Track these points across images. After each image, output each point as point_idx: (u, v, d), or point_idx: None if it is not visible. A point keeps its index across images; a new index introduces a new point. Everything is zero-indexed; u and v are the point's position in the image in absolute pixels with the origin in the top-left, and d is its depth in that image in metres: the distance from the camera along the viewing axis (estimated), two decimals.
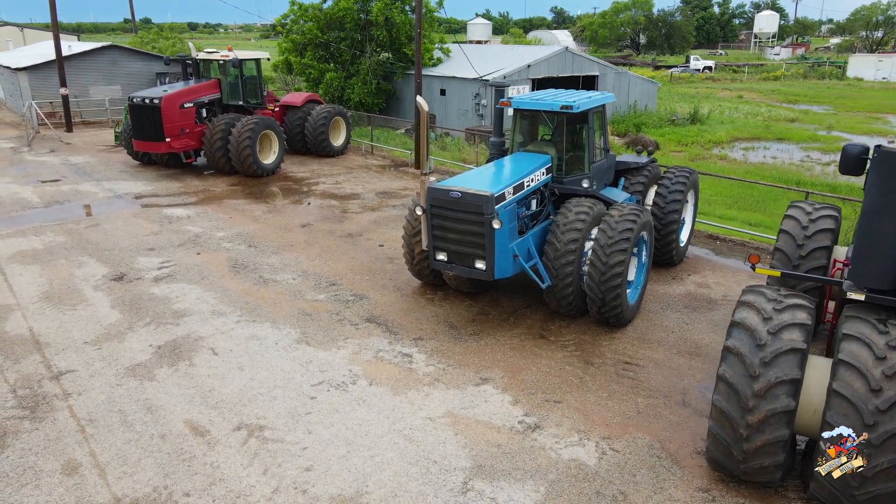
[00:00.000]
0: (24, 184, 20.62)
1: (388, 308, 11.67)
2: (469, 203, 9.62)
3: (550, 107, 11.15)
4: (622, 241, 10.13)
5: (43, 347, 10.04)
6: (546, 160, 11.28)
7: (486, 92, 30.33)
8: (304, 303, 11.87)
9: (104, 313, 11.31)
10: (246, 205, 18.54)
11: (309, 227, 16.50)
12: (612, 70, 35.37)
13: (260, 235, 15.74)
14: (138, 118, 21.08)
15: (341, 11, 33.40)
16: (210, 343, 10.24)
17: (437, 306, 11.75)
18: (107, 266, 13.58)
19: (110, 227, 16.20)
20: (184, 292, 12.25)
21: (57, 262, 13.81)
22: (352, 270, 13.51)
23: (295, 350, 10.06)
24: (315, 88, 34.35)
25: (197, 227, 16.35)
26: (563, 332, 10.77)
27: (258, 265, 13.72)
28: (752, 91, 56.13)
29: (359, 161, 25.09)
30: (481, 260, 9.87)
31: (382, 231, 16.18)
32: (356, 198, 19.42)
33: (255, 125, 21.34)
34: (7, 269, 13.32)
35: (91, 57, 33.86)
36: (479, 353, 10.05)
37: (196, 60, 23.36)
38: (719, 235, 15.60)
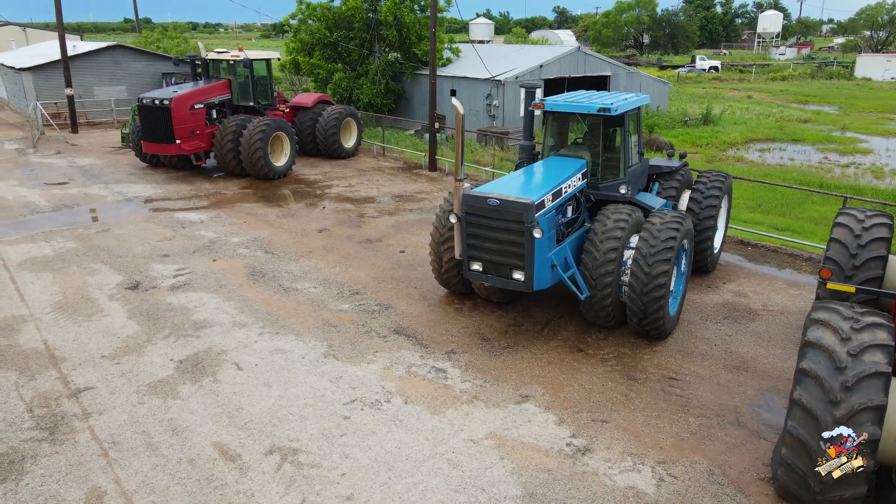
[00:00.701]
0: (31, 187, 20.15)
1: (415, 319, 11.21)
2: (508, 211, 9.16)
3: (587, 109, 10.68)
4: (665, 250, 9.67)
5: (59, 362, 9.58)
6: (581, 165, 10.82)
7: (498, 92, 29.89)
8: (327, 313, 11.41)
9: (121, 325, 10.85)
10: (259, 209, 18.08)
11: (326, 232, 16.04)
12: (624, 70, 34.91)
13: (276, 241, 15.28)
14: (148, 119, 20.61)
15: (350, 11, 32.93)
16: (233, 357, 9.78)
17: (467, 317, 11.28)
18: (121, 274, 13.11)
19: (122, 233, 15.74)
20: (202, 302, 11.79)
21: (69, 269, 13.35)
22: (374, 278, 13.04)
23: (323, 365, 9.60)
24: (323, 89, 33.87)
25: (211, 232, 15.89)
26: (602, 344, 10.31)
27: (277, 273, 13.26)
28: (760, 91, 55.65)
29: (371, 163, 24.63)
30: (519, 270, 9.41)
31: (402, 236, 15.72)
32: (372, 201, 18.95)
33: (266, 127, 20.88)
34: (18, 276, 12.86)
35: (96, 57, 33.39)
36: (515, 367, 9.59)
37: (206, 60, 22.90)
38: (750, 241, 15.14)
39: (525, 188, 9.66)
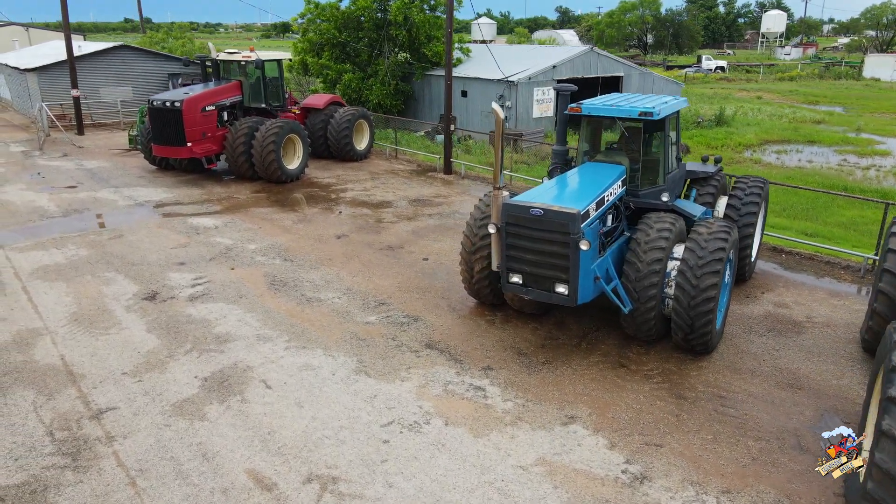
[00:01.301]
0: (39, 190, 19.70)
1: (447, 332, 10.75)
2: (553, 221, 8.71)
3: (628, 113, 10.23)
4: (714, 261, 9.22)
5: (78, 379, 9.12)
6: (621, 172, 10.36)
7: (511, 93, 29.42)
8: (354, 325, 10.95)
9: (140, 338, 10.39)
10: (274, 213, 17.62)
11: (345, 238, 15.58)
12: (637, 71, 34.45)
13: (294, 248, 14.82)
14: (158, 122, 20.15)
15: (359, 10, 32.47)
16: (261, 374, 9.32)
17: (500, 329, 10.83)
18: (137, 283, 12.66)
19: (135, 239, 15.28)
20: (223, 313, 11.33)
21: (82, 278, 12.89)
22: (399, 288, 12.59)
23: (355, 382, 9.14)
24: (332, 90, 33.42)
25: (226, 238, 15.43)
26: (644, 359, 9.86)
27: (298, 282, 12.80)
28: (769, 91, 55.17)
29: (384, 165, 24.17)
30: (563, 284, 8.96)
31: (423, 243, 15.26)
32: (389, 206, 18.49)
33: (279, 129, 20.41)
34: (31, 286, 12.41)
35: (101, 57, 32.91)
36: (557, 385, 9.14)
37: (216, 61, 22.43)
38: (784, 248, 14.68)
39: (568, 197, 9.20)
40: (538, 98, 30.16)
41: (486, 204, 11.16)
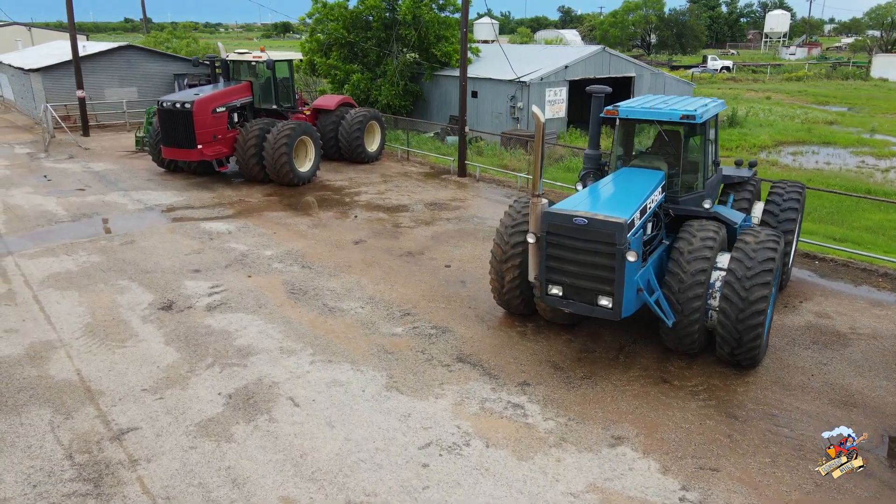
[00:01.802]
0: (46, 194, 19.26)
1: (477, 344, 10.32)
2: (598, 231, 8.27)
3: (668, 116, 9.79)
4: (764, 272, 8.78)
5: (96, 397, 8.69)
6: (661, 177, 9.92)
7: (523, 94, 28.97)
8: (380, 338, 10.51)
9: (158, 351, 9.95)
10: (288, 218, 17.18)
11: (362, 244, 15.14)
12: (648, 71, 33.99)
13: (311, 254, 14.38)
14: (168, 123, 19.71)
15: (367, 10, 32.02)
16: (287, 391, 8.88)
17: (532, 342, 10.39)
18: (151, 292, 12.22)
19: (147, 245, 14.84)
20: (243, 324, 10.90)
21: (95, 286, 12.45)
22: (424, 297, 12.15)
23: (386, 400, 8.71)
24: (339, 90, 32.97)
25: (241, 244, 14.99)
26: (686, 374, 9.42)
27: (318, 290, 12.37)
28: (777, 92, 54.72)
29: (396, 168, 23.73)
30: (607, 296, 8.52)
31: (444, 249, 14.82)
32: (405, 210, 18.05)
33: (291, 130, 19.97)
34: (42, 295, 11.97)
35: (106, 57, 32.46)
36: (598, 402, 8.70)
37: (226, 62, 22.00)
38: (817, 254, 14.23)
39: (612, 205, 8.75)
40: (550, 99, 29.72)
41: (517, 210, 10.73)
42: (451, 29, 33.25)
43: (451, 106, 32.97)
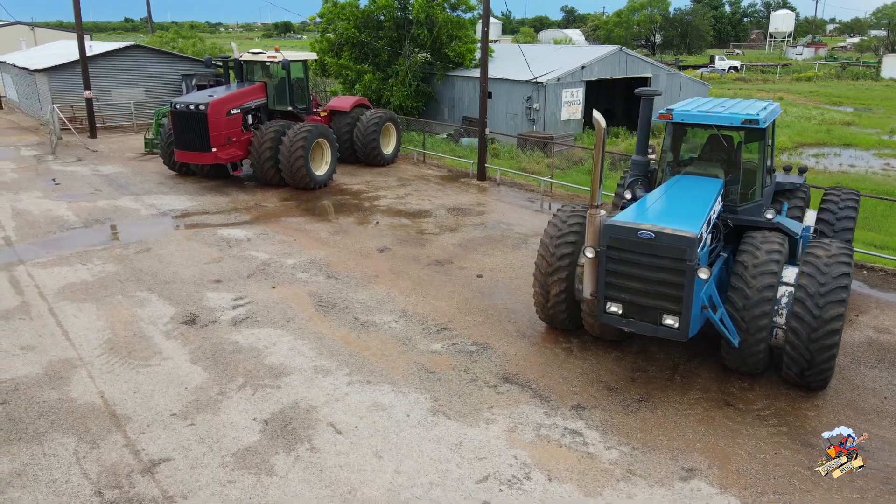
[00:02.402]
0: (56, 199, 18.66)
1: (522, 363, 9.72)
2: (666, 246, 7.68)
3: (729, 121, 9.21)
4: (839, 289, 8.19)
5: (123, 423, 8.09)
6: (720, 186, 9.34)
7: (539, 94, 28.37)
8: (419, 355, 9.92)
9: (185, 371, 9.36)
10: (307, 224, 16.58)
11: (388, 252, 14.55)
12: (664, 71, 33.39)
13: (336, 263, 13.79)
14: (181, 126, 19.11)
15: (379, 9, 31.41)
16: (327, 415, 8.29)
17: (580, 359, 9.80)
18: (173, 304, 11.63)
19: (164, 253, 14.25)
20: (272, 340, 10.30)
21: (113, 298, 11.86)
22: (458, 310, 11.56)
23: (434, 426, 8.12)
24: (350, 91, 32.38)
25: (261, 252, 14.40)
26: (749, 396, 8.83)
27: (347, 303, 11.77)
28: (789, 92, 54.10)
29: (413, 171, 23.13)
30: (673, 315, 7.92)
31: (473, 257, 14.23)
32: (427, 215, 17.46)
33: (308, 133, 19.38)
34: (58, 308, 11.38)
35: (113, 57, 31.85)
36: (661, 427, 8.11)
37: (239, 62, 21.40)
38: (864, 263, 13.64)
39: (678, 217, 8.14)
40: (567, 100, 29.12)
41: (562, 220, 10.13)
42: (464, 29, 32.67)
43: (464, 107, 32.39)
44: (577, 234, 9.94)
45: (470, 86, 31.91)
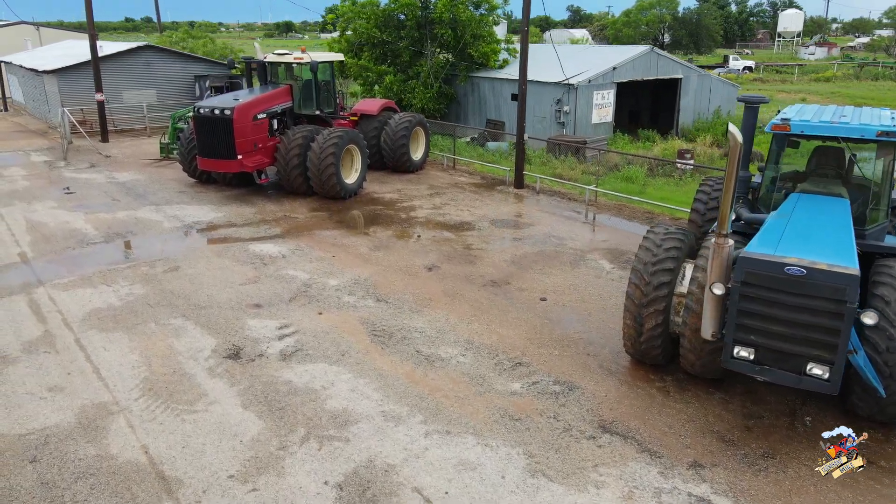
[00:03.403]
0: (72, 209, 17.51)
1: (617, 406, 8.58)
2: (822, 285, 6.52)
3: (860, 133, 8.07)
4: None
5: (174, 488, 6.94)
6: (847, 206, 8.19)
7: (569, 97, 27.23)
8: (498, 397, 8.78)
9: (237, 418, 8.22)
10: (343, 237, 15.43)
11: (437, 270, 13.41)
12: (695, 72, 32.24)
13: (383, 284, 12.64)
14: (205, 132, 17.95)
15: (401, 8, 30.27)
16: (409, 478, 7.14)
17: (681, 402, 8.65)
18: (212, 333, 10.48)
19: (195, 272, 13.11)
20: (329, 379, 9.16)
21: (145, 326, 10.71)
22: (529, 340, 10.41)
23: (536, 491, 6.97)
24: (370, 93, 31.28)
25: (300, 270, 13.26)
26: (888, 451, 7.69)
27: (405, 332, 10.63)
28: (810, 93, 52.93)
29: (444, 178, 21.98)
30: (822, 364, 6.77)
31: (530, 277, 13.08)
32: (470, 228, 16.31)
33: (339, 139, 18.23)
34: (86, 339, 10.23)
35: (124, 58, 30.67)
36: (802, 494, 6.96)
37: (263, 63, 20.24)
38: None
39: (827, 249, 6.97)
40: (597, 102, 27.97)
41: (656, 244, 8.98)
42: (488, 28, 31.53)
43: (488, 109, 31.27)
44: (675, 259, 8.82)
45: (494, 87, 30.79)
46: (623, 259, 14.09)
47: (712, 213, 11.50)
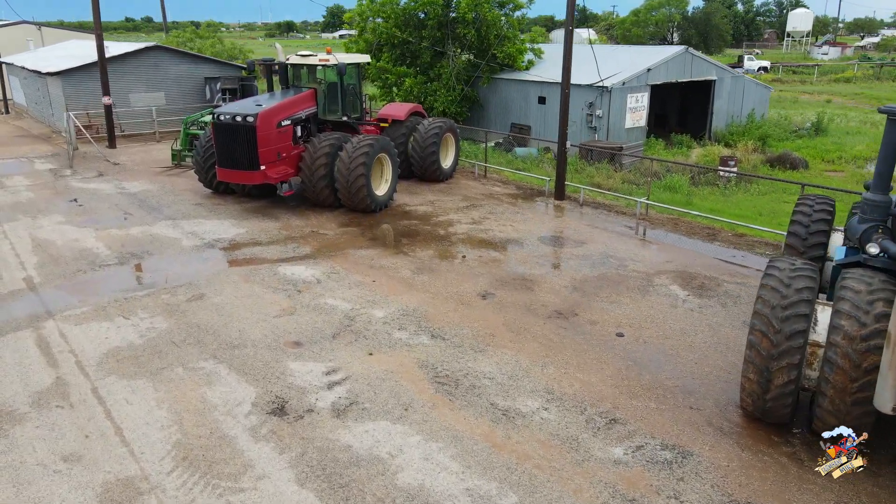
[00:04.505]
0: (81, 225, 16.09)
1: (746, 481, 7.15)
2: None
3: None
4: None
5: None
6: None
7: (602, 100, 25.80)
8: (601, 468, 7.35)
9: (293, 498, 6.79)
10: (381, 258, 14.01)
11: (492, 298, 11.98)
12: (729, 74, 30.81)
13: (435, 316, 11.22)
14: (225, 141, 16.52)
15: (422, 6, 28.82)
16: None
17: (831, 479, 7.20)
18: (249, 381, 9.05)
19: (222, 301, 11.69)
20: (395, 443, 7.73)
21: (172, 371, 9.29)
22: (618, 388, 8.99)
23: None
24: (390, 96, 29.86)
25: (339, 299, 11.83)
26: None
27: (472, 378, 9.20)
28: (834, 94, 51.52)
29: (477, 187, 20.56)
30: None
31: (598, 306, 11.66)
32: (518, 246, 14.88)
33: (369, 147, 16.81)
34: (104, 388, 8.80)
35: (132, 60, 29.26)
36: None
37: (284, 65, 18.82)
38: None
39: None
40: (631, 106, 26.56)
41: (784, 283, 7.55)
42: (513, 28, 30.11)
43: (513, 112, 29.85)
44: (808, 301, 7.40)
45: (519, 90, 29.36)
46: (695, 284, 12.67)
47: (815, 237, 10.14)
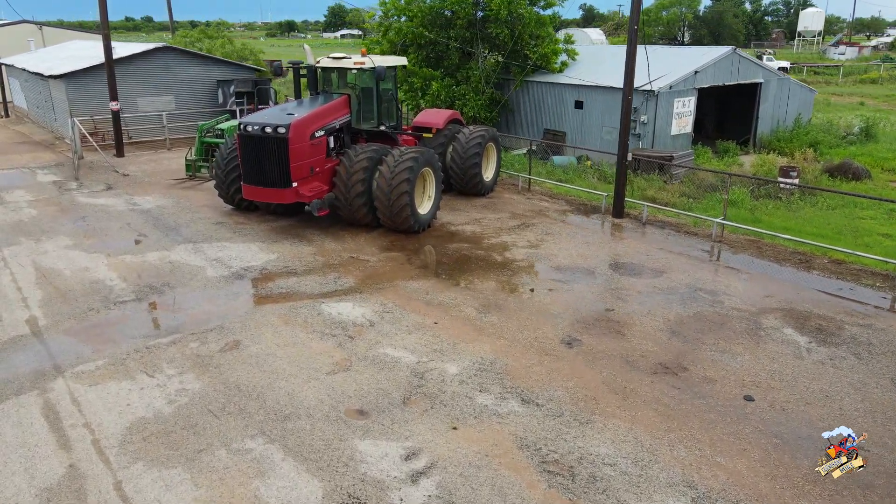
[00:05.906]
0: (90, 250, 14.26)
1: None
2: None
3: None
4: None
5: None
6: None
7: (647, 105, 23.94)
8: None
9: None
10: (437, 292, 12.17)
11: (579, 346, 10.15)
12: (775, 76, 28.93)
13: (518, 371, 9.39)
14: (253, 154, 14.70)
15: (450, 4, 26.97)
16: None
17: None
18: (311, 470, 7.22)
19: (261, 351, 9.85)
20: None
21: (212, 455, 7.45)
22: (776, 481, 7.14)
23: None
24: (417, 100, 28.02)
25: (400, 348, 10.00)
26: None
27: (590, 466, 7.36)
28: (865, 96, 49.63)
29: (522, 203, 18.73)
30: None
31: (707, 356, 9.82)
32: (590, 276, 13.05)
33: (413, 161, 15.01)
34: (129, 483, 6.94)
35: (140, 61, 27.37)
36: None
37: (314, 69, 17.00)
38: None
39: None
40: (678, 111, 24.72)
41: None
42: (545, 27, 28.26)
43: (547, 117, 28.00)
44: None
45: (554, 93, 27.49)
46: (812, 326, 10.84)
47: None
